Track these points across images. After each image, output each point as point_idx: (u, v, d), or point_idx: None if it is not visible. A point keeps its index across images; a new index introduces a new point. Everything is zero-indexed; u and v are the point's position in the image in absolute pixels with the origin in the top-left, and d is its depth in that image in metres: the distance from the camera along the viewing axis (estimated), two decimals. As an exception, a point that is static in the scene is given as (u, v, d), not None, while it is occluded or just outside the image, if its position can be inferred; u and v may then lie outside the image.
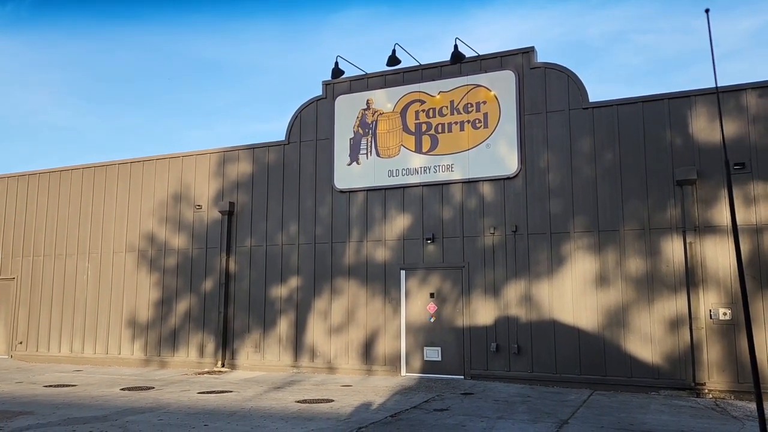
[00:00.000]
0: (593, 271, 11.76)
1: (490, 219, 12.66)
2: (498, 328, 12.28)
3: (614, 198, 11.79)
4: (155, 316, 15.46)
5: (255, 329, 14.42)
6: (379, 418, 8.56)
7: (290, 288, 14.23)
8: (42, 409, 9.45)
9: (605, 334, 11.51)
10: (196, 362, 14.78)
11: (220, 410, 9.29)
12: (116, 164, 16.63)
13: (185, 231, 15.47)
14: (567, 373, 11.62)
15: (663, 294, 11.24)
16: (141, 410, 9.33)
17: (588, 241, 11.88)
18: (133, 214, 16.14)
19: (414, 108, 13.54)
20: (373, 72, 14.12)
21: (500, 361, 12.16)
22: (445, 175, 13.07)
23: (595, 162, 12.02)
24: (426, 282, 13.06)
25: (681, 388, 10.83)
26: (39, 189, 17.50)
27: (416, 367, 12.88)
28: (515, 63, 12.86)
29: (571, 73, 12.35)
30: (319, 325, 13.81)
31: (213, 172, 15.41)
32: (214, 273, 14.92)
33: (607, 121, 12.04)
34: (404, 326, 13.08)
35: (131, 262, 15.96)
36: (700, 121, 11.37)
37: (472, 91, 13.07)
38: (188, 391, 11.19)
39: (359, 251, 13.69)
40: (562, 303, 11.89)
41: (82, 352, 16.15)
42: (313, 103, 14.60)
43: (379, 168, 13.66)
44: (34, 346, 16.82)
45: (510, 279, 12.33)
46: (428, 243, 13.08)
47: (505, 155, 12.64)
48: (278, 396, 10.64)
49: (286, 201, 14.54)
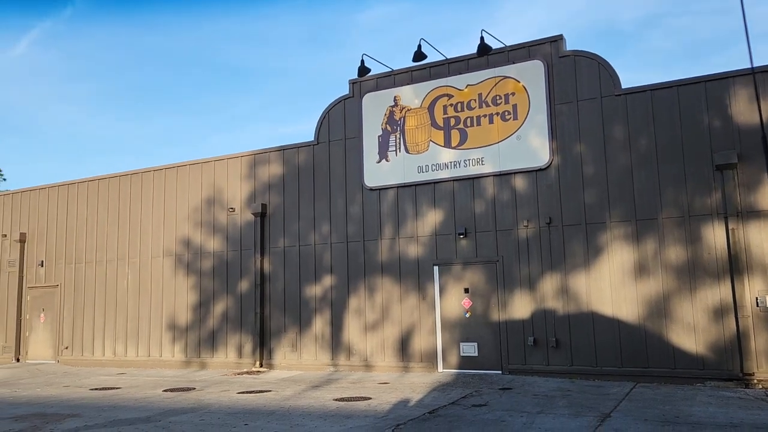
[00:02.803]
0: (632, 261, 11.49)
1: (523, 212, 12.49)
2: (535, 321, 12.11)
3: (651, 186, 11.50)
4: (194, 319, 15.72)
5: (291, 329, 14.53)
6: (416, 415, 8.52)
7: (324, 287, 14.30)
8: (89, 411, 9.69)
9: (646, 325, 11.24)
10: (234, 363, 14.98)
11: (259, 410, 9.38)
12: (151, 171, 16.96)
13: (220, 234, 15.69)
14: (607, 365, 11.39)
15: (706, 282, 10.92)
16: (183, 411, 9.48)
17: (625, 230, 11.62)
18: (169, 219, 16.44)
19: (442, 102, 13.43)
20: (400, 68, 14.07)
21: (538, 356, 11.99)
22: (475, 169, 12.94)
23: (630, 149, 11.74)
24: (460, 277, 12.96)
25: (728, 379, 10.50)
26: (78, 198, 17.96)
27: (453, 363, 12.80)
28: (543, 52, 12.65)
29: (602, 59, 12.09)
30: (355, 323, 13.84)
31: (245, 175, 15.58)
32: (249, 274, 15.09)
33: (641, 107, 11.75)
34: (439, 322, 13.01)
35: (169, 267, 16.26)
36: (740, 103, 10.99)
37: (501, 82, 12.91)
38: (228, 392, 11.35)
39: (392, 248, 13.67)
40: (601, 295, 11.66)
41: (125, 355, 16.53)
42: (341, 103, 14.63)
43: (409, 164, 13.60)
44: (79, 350, 17.29)
45: (545, 272, 12.15)
46: (461, 238, 12.98)
47: (537, 146, 12.44)
48: (316, 395, 10.69)
49: (317, 201, 14.61)
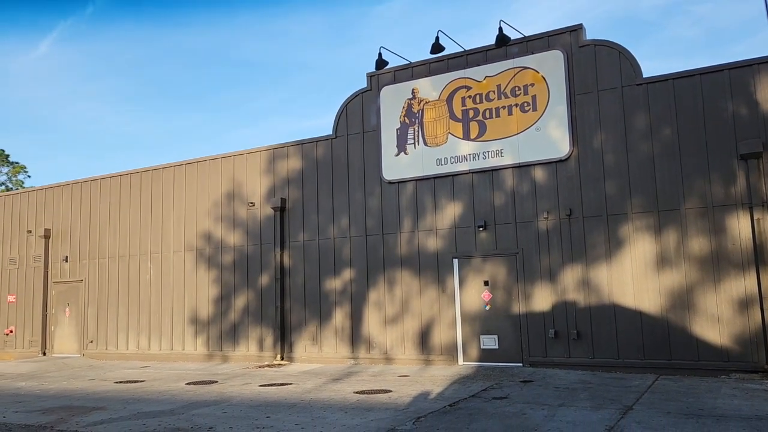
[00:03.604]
0: (654, 253, 11.36)
1: (543, 203, 12.39)
2: (556, 314, 12.04)
3: (674, 176, 11.34)
4: (215, 312, 15.89)
5: (311, 322, 14.62)
6: (437, 408, 8.54)
7: (344, 280, 14.35)
8: (113, 404, 9.86)
9: (669, 316, 11.11)
10: (256, 356, 15.12)
11: (281, 402, 9.47)
12: (172, 167, 17.13)
13: (240, 228, 15.81)
14: (629, 358, 11.29)
15: (730, 273, 10.76)
16: (206, 403, 9.61)
17: (647, 221, 11.48)
18: (190, 214, 16.61)
19: (460, 95, 13.36)
20: (418, 61, 14.01)
21: (559, 348, 11.92)
22: (494, 161, 12.87)
23: (652, 139, 11.58)
24: (480, 270, 12.92)
25: (753, 371, 10.35)
26: (101, 194, 18.22)
27: (473, 355, 12.78)
28: (563, 42, 12.50)
29: (623, 48, 11.92)
30: (374, 316, 13.88)
31: (264, 170, 15.67)
32: (270, 268, 15.20)
33: (663, 96, 11.57)
34: (459, 315, 12.99)
35: (190, 261, 16.43)
36: (765, 91, 10.77)
37: (520, 73, 12.79)
38: (250, 384, 11.46)
39: (411, 241, 13.66)
40: (622, 286, 11.54)
41: (148, 349, 16.78)
42: (359, 96, 14.62)
43: (427, 157, 13.57)
44: (103, 344, 17.58)
45: (566, 264, 12.06)
46: (480, 230, 12.93)
47: (557, 137, 12.33)
48: (337, 387, 10.76)
49: (335, 194, 14.65)
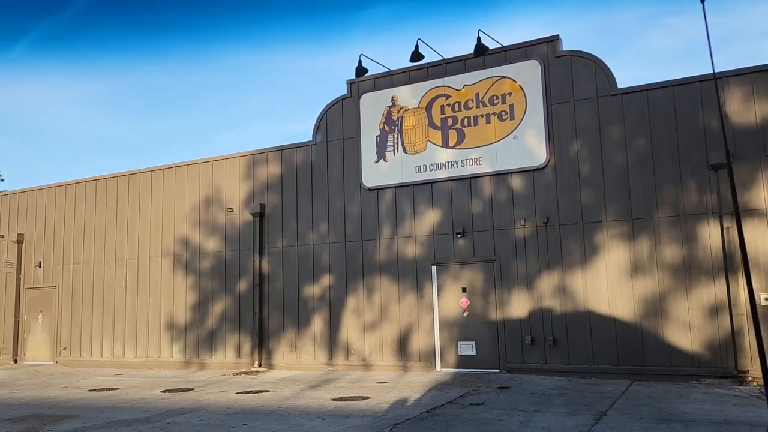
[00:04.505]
0: (628, 260, 11.56)
1: (520, 211, 12.54)
2: (532, 320, 12.17)
3: (647, 185, 11.57)
4: (192, 319, 15.75)
5: (290, 329, 14.58)
6: (414, 414, 8.58)
7: (323, 287, 14.34)
8: (86, 412, 9.73)
9: (642, 323, 11.31)
10: (233, 363, 15.02)
11: (258, 410, 9.43)
12: (149, 171, 16.98)
13: (218, 234, 15.72)
14: (604, 364, 11.46)
15: (701, 281, 10.99)
16: (182, 411, 9.53)
17: (621, 229, 11.68)
18: (168, 219, 16.47)
19: (439, 103, 13.48)
20: (397, 69, 14.11)
21: (536, 354, 12.06)
22: (473, 168, 13.00)
23: (627, 149, 11.81)
24: (458, 277, 13.02)
25: (723, 377, 10.58)
26: (77, 199, 17.97)
27: (451, 362, 12.86)
28: (540, 52, 12.70)
29: (598, 59, 12.14)
30: (353, 322, 13.89)
31: (243, 175, 15.62)
32: (248, 274, 15.13)
33: (637, 106, 11.81)
34: (438, 321, 13.06)
35: (167, 267, 16.28)
36: (734, 102, 11.06)
37: (497, 82, 12.96)
38: (227, 392, 11.39)
39: (390, 248, 13.72)
40: (597, 293, 11.72)
41: (123, 356, 16.56)
42: (339, 103, 14.67)
43: (407, 164, 13.65)
44: (77, 351, 17.31)
45: (543, 271, 12.21)
46: (459, 237, 13.03)
47: (534, 146, 12.50)
48: (314, 394, 10.74)
49: (315, 200, 14.65)
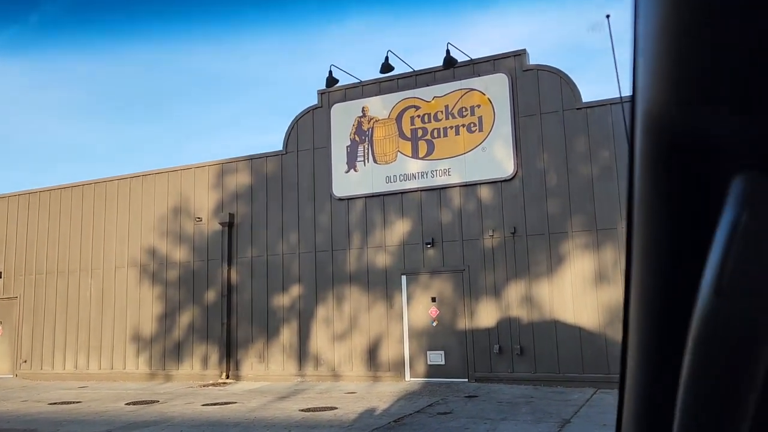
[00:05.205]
0: (592, 270, 11.77)
1: (488, 221, 12.69)
2: (500, 329, 12.29)
3: (611, 196, 11.82)
4: (159, 330, 15.49)
5: (258, 339, 14.44)
6: (382, 424, 8.57)
7: (292, 297, 14.26)
8: (46, 426, 9.47)
9: (607, 332, 11.50)
10: (200, 374, 14.80)
11: (223, 422, 9.31)
12: (116, 180, 16.71)
13: (186, 244, 15.53)
14: (570, 372, 11.61)
15: (663, 290, 11.24)
16: (146, 424, 9.35)
17: (586, 240, 11.90)
18: (134, 228, 16.21)
19: (409, 114, 13.60)
20: (368, 80, 14.20)
21: (503, 363, 12.16)
22: (442, 179, 13.12)
23: (591, 161, 12.06)
24: (427, 286, 13.08)
25: (685, 384, 10.80)
26: (40, 207, 17.58)
27: (420, 371, 12.88)
28: (508, 66, 12.92)
29: (563, 74, 12.41)
30: (323, 333, 13.83)
31: (212, 185, 15.48)
32: (216, 284, 14.97)
33: (600, 120, 12.09)
34: (407, 331, 13.09)
35: (133, 277, 16.01)
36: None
37: (466, 95, 13.13)
38: (193, 404, 11.22)
39: (360, 258, 13.73)
40: (563, 302, 11.90)
41: (87, 369, 16.18)
42: (309, 113, 14.68)
43: (377, 174, 13.71)
44: (38, 364, 16.85)
45: (510, 280, 12.35)
46: (428, 247, 13.11)
47: (502, 158, 12.68)
48: (282, 405, 10.65)
49: (285, 210, 14.59)
